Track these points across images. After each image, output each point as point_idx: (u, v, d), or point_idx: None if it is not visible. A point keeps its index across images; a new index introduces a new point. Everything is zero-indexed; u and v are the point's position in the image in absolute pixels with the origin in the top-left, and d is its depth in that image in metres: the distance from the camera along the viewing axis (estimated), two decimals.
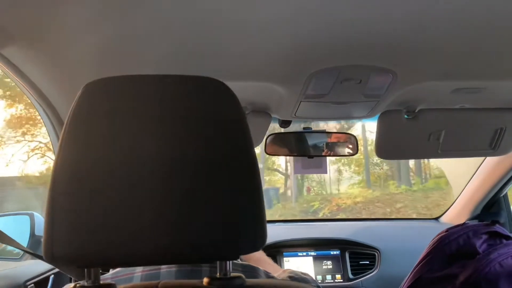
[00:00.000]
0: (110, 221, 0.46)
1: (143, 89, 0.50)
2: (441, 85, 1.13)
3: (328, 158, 1.48)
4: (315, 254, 1.75)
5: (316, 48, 0.87)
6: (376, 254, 1.77)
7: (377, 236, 1.85)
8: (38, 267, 1.35)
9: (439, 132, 1.34)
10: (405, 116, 1.29)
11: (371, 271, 1.74)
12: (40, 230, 1.51)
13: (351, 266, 1.74)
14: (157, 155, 0.48)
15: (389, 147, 1.36)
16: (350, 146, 1.45)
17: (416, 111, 1.29)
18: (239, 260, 0.88)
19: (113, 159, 0.47)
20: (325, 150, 1.45)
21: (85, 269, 0.50)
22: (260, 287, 0.52)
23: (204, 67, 0.93)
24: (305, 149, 1.45)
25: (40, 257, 0.89)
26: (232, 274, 0.53)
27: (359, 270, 1.74)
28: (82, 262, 0.49)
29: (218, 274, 0.52)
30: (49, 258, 0.47)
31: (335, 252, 1.76)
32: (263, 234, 0.51)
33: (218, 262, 0.52)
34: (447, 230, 1.21)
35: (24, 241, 1.55)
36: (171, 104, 0.50)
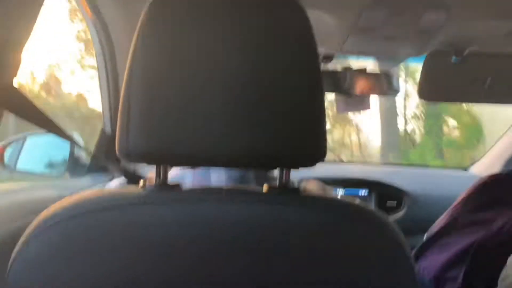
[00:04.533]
0: (182, 122, 0.48)
1: (211, 4, 0.51)
2: (495, 26, 1.09)
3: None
4: (344, 192, 1.79)
5: None
6: (403, 196, 1.80)
7: (406, 180, 1.87)
8: (79, 183, 1.41)
9: (486, 77, 1.31)
10: (453, 57, 1.26)
11: (397, 212, 1.77)
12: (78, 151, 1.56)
13: (378, 206, 1.77)
14: (228, 65, 0.49)
15: (433, 89, 1.34)
16: (390, 85, 1.43)
17: (465, 53, 1.25)
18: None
19: (185, 65, 0.49)
20: (366, 89, 1.43)
21: (156, 167, 0.53)
22: (317, 198, 0.54)
23: None
24: (346, 87, 1.44)
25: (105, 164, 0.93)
26: (290, 182, 0.55)
27: (386, 211, 1.77)
28: (154, 159, 0.52)
29: (277, 182, 0.54)
30: (123, 154, 0.50)
31: (363, 192, 1.79)
32: (324, 148, 0.53)
33: (278, 170, 0.54)
34: (491, 176, 1.21)
35: (64, 159, 1.63)
36: (243, 17, 0.50)
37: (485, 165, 1.99)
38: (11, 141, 1.34)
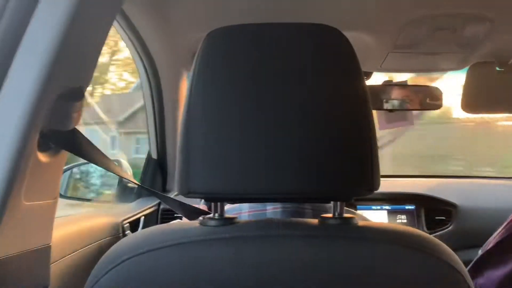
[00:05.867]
0: (240, 160, 0.50)
1: (264, 36, 0.52)
2: None
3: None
4: (389, 208, 1.75)
5: None
6: (452, 210, 1.75)
7: (454, 192, 1.81)
8: (129, 208, 1.46)
9: None
10: (497, 68, 1.24)
11: (447, 226, 1.72)
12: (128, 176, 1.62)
13: (426, 221, 1.73)
14: (279, 100, 0.50)
15: (477, 101, 1.31)
16: (435, 99, 1.41)
17: (510, 63, 1.23)
18: None
19: (242, 101, 0.51)
20: (408, 103, 1.42)
21: (213, 203, 0.54)
22: (375, 229, 0.54)
23: (296, 14, 0.94)
24: (387, 103, 1.43)
25: (154, 193, 0.96)
26: (345, 215, 0.55)
27: (434, 225, 1.73)
28: (213, 197, 0.53)
29: (332, 215, 0.54)
30: (184, 192, 0.52)
31: (410, 207, 1.75)
32: (378, 177, 0.52)
33: (332, 203, 0.55)
34: None
35: (114, 186, 1.68)
36: (292, 52, 0.52)
37: None
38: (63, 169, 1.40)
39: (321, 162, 0.50)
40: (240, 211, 0.74)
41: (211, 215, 0.54)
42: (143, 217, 1.45)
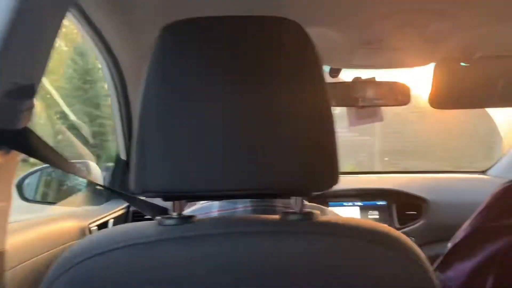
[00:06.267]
0: (197, 157, 0.48)
1: (222, 30, 0.51)
2: (503, 30, 1.09)
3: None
4: (361, 204, 1.77)
5: None
6: (422, 204, 1.77)
7: (424, 187, 1.84)
8: (99, 211, 1.42)
9: (497, 80, 1.30)
10: (462, 64, 1.25)
11: (417, 221, 1.75)
12: (96, 178, 1.58)
13: (397, 216, 1.75)
14: (237, 95, 0.49)
15: (444, 96, 1.33)
16: (402, 94, 1.42)
17: (474, 58, 1.25)
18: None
19: (198, 97, 0.49)
20: (376, 100, 1.43)
21: (172, 202, 0.53)
22: (335, 223, 0.53)
23: (258, 8, 0.93)
24: (356, 99, 1.44)
25: (121, 195, 0.94)
26: (305, 210, 0.54)
27: (405, 220, 1.75)
28: (171, 196, 0.52)
29: (292, 210, 0.54)
30: (139, 191, 0.50)
31: (381, 203, 1.77)
32: (337, 172, 0.52)
33: (293, 199, 0.54)
34: (510, 181, 1.19)
35: (83, 188, 1.64)
36: (250, 45, 0.51)
37: (503, 168, 1.97)
38: (29, 173, 1.36)
39: (279, 158, 0.49)
40: (210, 210, 0.73)
41: (169, 214, 0.52)
42: (112, 219, 1.42)
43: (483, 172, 2.11)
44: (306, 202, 0.79)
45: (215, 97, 0.49)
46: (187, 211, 0.76)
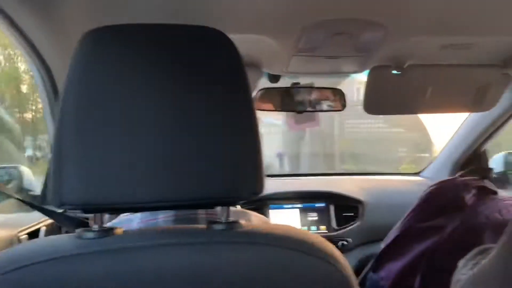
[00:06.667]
0: (115, 168, 0.47)
1: (144, 38, 0.50)
2: (430, 41, 1.15)
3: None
4: (301, 206, 1.80)
5: (308, 1, 0.87)
6: (359, 206, 1.83)
7: (361, 189, 1.91)
8: (27, 218, 1.36)
9: (425, 88, 1.37)
10: (394, 72, 1.31)
11: (354, 222, 1.80)
12: (28, 183, 1.51)
13: (335, 217, 1.80)
14: (158, 104, 0.49)
15: (377, 102, 1.38)
16: (338, 101, 1.47)
17: (405, 66, 1.31)
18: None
19: (114, 109, 0.48)
20: (314, 105, 1.46)
21: (93, 215, 0.51)
22: (259, 232, 0.53)
23: (195, 18, 0.93)
24: (295, 104, 1.47)
25: (37, 208, 0.90)
26: (230, 219, 0.54)
27: (343, 221, 1.80)
28: (91, 208, 0.50)
29: (217, 219, 0.54)
30: (57, 204, 0.49)
31: (320, 205, 1.81)
32: (261, 180, 0.53)
33: (219, 208, 0.54)
34: (439, 183, 1.26)
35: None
36: (173, 54, 0.50)
37: (435, 170, 2.07)
38: None
39: (201, 168, 0.49)
40: (132, 222, 0.72)
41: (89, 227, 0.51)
42: (44, 227, 1.37)
43: (416, 174, 2.21)
44: (231, 208, 0.80)
45: (135, 107, 0.48)
46: (110, 223, 0.74)
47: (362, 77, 1.41)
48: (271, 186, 1.90)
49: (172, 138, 0.48)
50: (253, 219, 0.78)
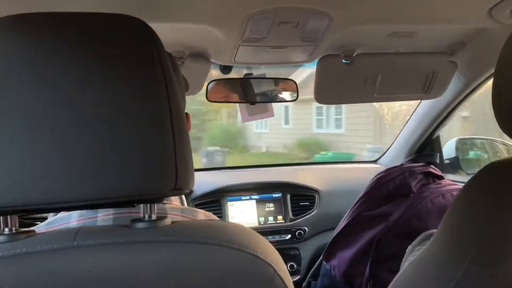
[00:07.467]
0: (22, 167, 0.44)
1: (54, 28, 0.47)
2: (377, 29, 1.15)
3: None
4: (258, 197, 1.80)
5: None
6: (315, 195, 1.85)
7: (317, 178, 1.92)
8: None
9: (375, 76, 1.38)
10: (343, 61, 1.31)
11: (310, 211, 1.82)
12: None
13: (292, 207, 1.81)
14: (68, 97, 0.46)
15: (328, 92, 1.38)
16: (291, 91, 1.46)
17: (354, 55, 1.31)
18: (183, 203, 0.89)
19: (21, 102, 0.45)
20: (267, 96, 1.45)
21: (1, 218, 0.48)
22: (184, 229, 0.51)
23: (132, 6, 0.89)
24: (248, 95, 1.45)
25: None
26: (157, 216, 0.52)
27: (299, 211, 1.81)
28: None
29: (143, 216, 0.51)
30: None
31: (277, 195, 1.82)
32: (185, 175, 0.51)
33: (142, 205, 0.52)
34: (386, 170, 1.28)
35: None
36: (86, 44, 0.47)
37: (391, 157, 2.10)
38: None
39: (119, 165, 0.46)
40: (69, 220, 0.69)
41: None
42: None
43: (374, 161, 2.24)
44: (173, 203, 0.78)
45: (44, 99, 0.45)
46: (44, 222, 0.71)
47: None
48: (228, 178, 1.89)
49: (84, 132, 0.46)
50: (199, 217, 0.76)
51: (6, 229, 0.47)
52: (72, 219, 0.68)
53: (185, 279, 0.47)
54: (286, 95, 1.47)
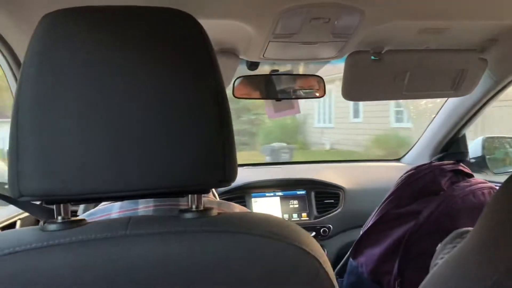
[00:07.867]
0: (75, 157, 0.46)
1: (105, 21, 0.48)
2: (408, 25, 1.14)
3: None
4: (282, 194, 1.80)
5: None
6: (340, 193, 1.84)
7: (342, 176, 1.91)
8: (5, 211, 1.33)
9: (404, 73, 1.37)
10: (372, 57, 1.30)
11: (335, 209, 1.81)
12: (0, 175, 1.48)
13: (316, 204, 1.80)
14: (120, 89, 0.47)
15: (356, 88, 1.38)
16: (317, 88, 1.46)
17: (383, 52, 1.30)
18: (216, 197, 0.90)
19: (75, 95, 0.46)
20: (293, 92, 1.45)
21: (55, 206, 0.49)
22: (231, 219, 0.52)
23: (167, 1, 0.90)
24: (274, 92, 1.45)
25: (9, 200, 0.87)
26: (205, 207, 0.53)
27: (324, 208, 1.81)
28: (51, 199, 0.48)
29: (190, 207, 0.52)
30: (16, 195, 0.47)
31: (301, 192, 1.81)
32: (232, 168, 0.51)
33: (189, 196, 0.53)
34: (415, 168, 1.27)
35: None
36: (135, 37, 0.48)
37: (415, 155, 2.08)
38: None
39: (169, 155, 0.47)
40: (110, 211, 0.70)
41: (53, 219, 0.49)
42: (19, 220, 1.34)
43: (398, 160, 2.22)
44: (210, 197, 0.78)
45: (98, 92, 0.46)
46: (88, 212, 0.73)
47: None
48: (252, 174, 1.90)
49: (136, 125, 0.47)
50: (236, 210, 0.77)
51: (59, 218, 0.49)
52: (113, 210, 0.70)
53: (234, 268, 0.48)
54: (312, 91, 1.47)
